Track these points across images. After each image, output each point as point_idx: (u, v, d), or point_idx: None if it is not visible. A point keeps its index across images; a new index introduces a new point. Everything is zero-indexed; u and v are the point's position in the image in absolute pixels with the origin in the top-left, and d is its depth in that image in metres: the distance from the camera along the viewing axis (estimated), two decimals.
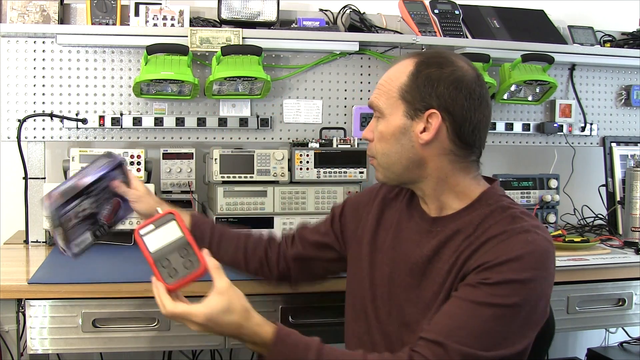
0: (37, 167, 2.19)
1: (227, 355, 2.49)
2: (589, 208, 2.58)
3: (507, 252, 1.14)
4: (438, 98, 1.21)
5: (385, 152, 1.27)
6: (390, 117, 1.26)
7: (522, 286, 1.12)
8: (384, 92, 1.29)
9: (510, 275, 1.12)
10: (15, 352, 1.70)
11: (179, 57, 2.16)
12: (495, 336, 1.12)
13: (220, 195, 2.12)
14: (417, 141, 1.23)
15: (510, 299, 1.12)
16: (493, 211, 1.24)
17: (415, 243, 1.30)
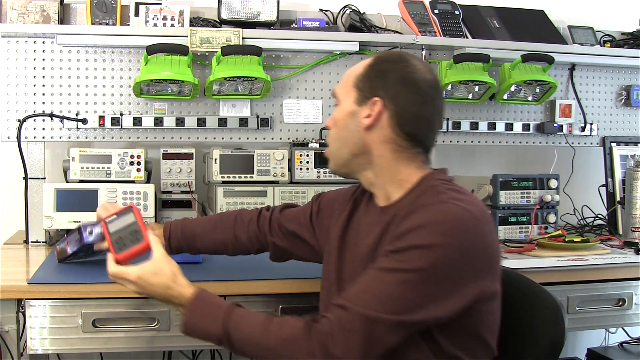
0: (37, 167, 2.19)
1: (227, 355, 2.49)
2: (589, 208, 2.58)
3: (415, 221, 1.16)
4: (384, 88, 1.29)
5: (336, 137, 1.35)
6: (344, 103, 1.34)
7: (427, 251, 1.13)
8: (343, 81, 1.37)
9: (414, 242, 1.14)
10: (15, 352, 1.70)
11: (179, 57, 2.16)
12: (401, 301, 1.12)
13: (220, 195, 2.12)
14: (361, 126, 1.30)
15: (413, 264, 1.13)
16: (424, 191, 1.26)
17: (365, 234, 1.33)
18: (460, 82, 2.37)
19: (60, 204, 2.04)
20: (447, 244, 1.13)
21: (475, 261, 1.16)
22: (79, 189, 2.07)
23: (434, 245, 1.13)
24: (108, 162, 2.13)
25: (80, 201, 2.05)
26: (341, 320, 1.13)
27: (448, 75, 2.35)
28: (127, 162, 2.14)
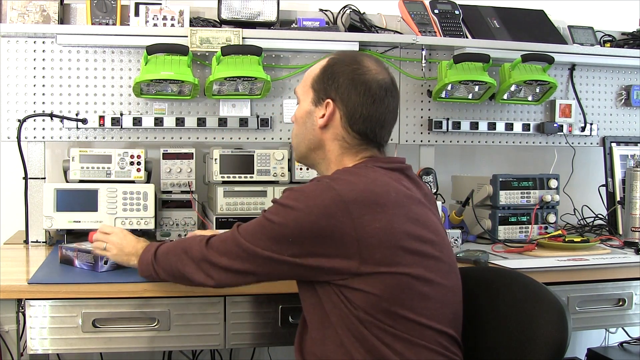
0: (37, 167, 2.19)
1: (227, 355, 2.49)
2: (589, 208, 2.58)
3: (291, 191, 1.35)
4: (336, 90, 1.40)
5: (296, 133, 1.50)
6: (302, 102, 1.47)
7: (279, 208, 1.32)
8: (303, 81, 1.49)
9: (281, 200, 1.33)
10: (15, 352, 1.70)
11: (179, 57, 2.16)
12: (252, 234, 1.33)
13: (220, 195, 2.12)
14: (316, 124, 1.43)
15: (270, 215, 1.32)
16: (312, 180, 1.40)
17: None
18: (460, 82, 2.37)
19: (60, 204, 2.04)
20: (303, 210, 1.28)
21: (319, 236, 1.27)
22: (79, 189, 2.07)
23: (292, 207, 1.29)
24: (108, 162, 2.13)
25: (80, 201, 2.05)
26: (224, 235, 1.39)
27: (448, 75, 2.35)
28: (127, 162, 2.14)
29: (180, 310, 1.66)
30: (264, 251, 1.31)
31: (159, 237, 2.19)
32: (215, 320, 1.69)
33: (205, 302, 1.68)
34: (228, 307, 1.70)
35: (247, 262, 1.33)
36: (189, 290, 1.64)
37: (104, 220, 2.05)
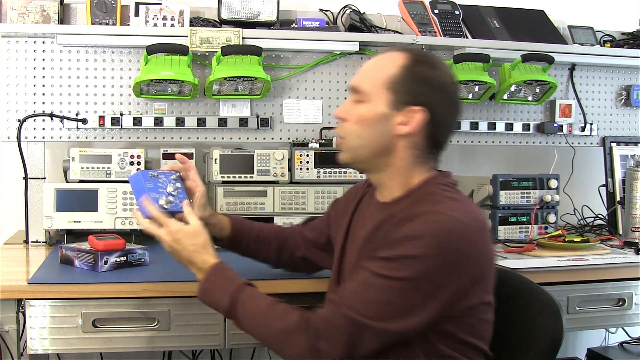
0: (37, 167, 2.19)
1: (227, 355, 2.49)
2: (589, 208, 2.58)
3: (409, 231, 1.18)
4: (425, 97, 1.27)
5: (359, 134, 1.31)
6: (373, 103, 1.29)
7: (414, 262, 1.16)
8: (370, 78, 1.31)
9: (405, 251, 1.16)
10: (15, 352, 1.70)
11: (179, 57, 2.16)
12: (386, 307, 1.17)
13: (220, 195, 2.12)
14: (392, 131, 1.28)
15: (402, 273, 1.16)
16: (423, 197, 1.28)
17: (362, 226, 1.38)
18: (460, 82, 2.37)
19: (60, 204, 2.04)
20: (436, 255, 1.16)
21: (461, 273, 1.19)
22: (79, 189, 2.07)
23: (422, 257, 1.16)
24: (108, 162, 2.13)
25: (80, 201, 2.05)
26: (331, 317, 1.19)
27: None
28: (127, 162, 2.14)
29: (180, 310, 1.66)
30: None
31: None
32: (215, 320, 1.69)
33: None
34: None
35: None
36: (188, 291, 1.64)
37: (104, 221, 2.05)
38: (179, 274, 1.72)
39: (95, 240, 1.74)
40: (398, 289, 1.16)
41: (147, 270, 1.76)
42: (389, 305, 1.16)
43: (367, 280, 1.19)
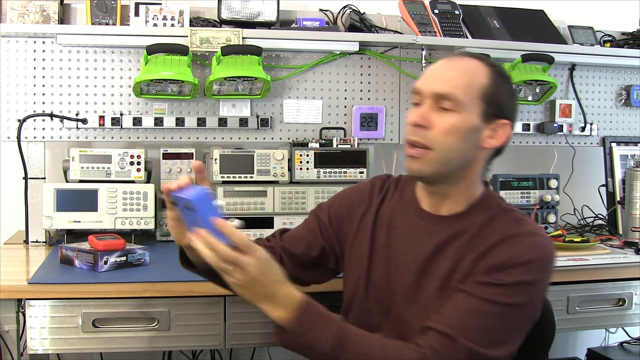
0: (37, 167, 2.19)
1: (227, 355, 2.49)
2: (589, 208, 2.58)
3: (518, 254, 1.18)
4: (510, 110, 1.28)
5: (451, 147, 1.23)
6: (466, 113, 1.23)
7: (528, 287, 1.17)
8: (463, 85, 1.24)
9: (521, 278, 1.16)
10: (15, 352, 1.70)
11: (179, 57, 2.16)
12: (499, 334, 1.16)
13: (220, 195, 2.12)
14: (480, 144, 1.26)
15: (517, 299, 1.16)
16: (496, 214, 1.28)
17: (414, 241, 1.31)
18: None
19: (60, 204, 2.04)
20: (543, 279, 1.21)
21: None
22: (79, 189, 2.07)
23: (534, 282, 1.18)
24: (108, 162, 2.13)
25: (80, 201, 2.05)
26: (450, 350, 1.14)
27: None
28: (127, 162, 2.14)
29: (180, 310, 1.66)
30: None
31: (158, 237, 2.19)
32: (215, 320, 1.69)
33: (205, 302, 1.68)
34: (228, 307, 1.70)
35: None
36: (188, 291, 1.65)
37: (104, 221, 2.05)
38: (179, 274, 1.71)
39: (95, 240, 1.74)
40: (509, 315, 1.17)
41: (147, 270, 1.76)
42: (499, 331, 1.16)
43: (480, 308, 1.16)
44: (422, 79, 1.29)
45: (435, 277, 1.26)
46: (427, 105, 1.26)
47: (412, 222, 1.33)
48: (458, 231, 1.27)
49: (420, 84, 1.28)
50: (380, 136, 2.45)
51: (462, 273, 1.23)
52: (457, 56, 1.31)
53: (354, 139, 2.29)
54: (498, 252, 1.20)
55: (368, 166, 2.24)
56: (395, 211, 1.38)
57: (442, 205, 1.31)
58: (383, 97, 2.46)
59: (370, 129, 2.43)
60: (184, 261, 1.34)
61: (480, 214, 1.28)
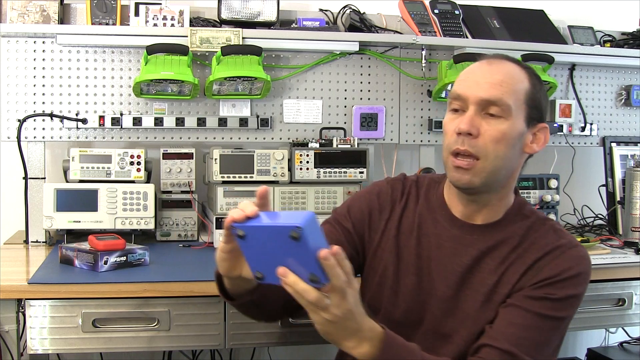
0: (37, 167, 2.19)
1: (227, 355, 2.49)
2: (589, 208, 2.58)
3: (566, 268, 1.20)
4: (546, 114, 1.27)
5: (501, 155, 1.20)
6: (515, 119, 1.20)
7: (576, 300, 1.21)
8: (512, 91, 1.20)
9: (571, 291, 1.19)
10: (15, 352, 1.70)
11: (179, 57, 2.16)
12: (550, 347, 1.20)
13: (220, 195, 2.12)
14: (523, 150, 1.24)
15: (567, 312, 1.20)
16: (533, 223, 1.28)
17: (450, 251, 1.27)
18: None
19: (60, 204, 2.04)
20: (585, 291, 1.23)
21: None
22: (79, 189, 2.07)
23: (581, 295, 1.21)
24: (108, 162, 2.13)
25: (80, 201, 2.06)
26: None
27: (448, 75, 2.34)
28: (127, 162, 2.14)
29: (180, 310, 1.66)
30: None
31: (158, 237, 2.19)
32: (215, 320, 1.69)
33: (205, 302, 1.68)
34: (228, 307, 1.69)
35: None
36: (188, 291, 1.65)
37: (104, 221, 2.05)
38: (179, 274, 1.72)
39: (95, 240, 1.74)
40: (559, 329, 1.20)
41: (147, 270, 1.76)
42: (551, 344, 1.20)
43: (536, 323, 1.17)
44: (462, 84, 1.23)
45: (478, 290, 1.24)
46: (472, 112, 1.20)
47: (445, 231, 1.29)
48: (497, 242, 1.25)
49: (463, 89, 1.22)
50: (380, 136, 2.45)
51: (507, 287, 1.22)
52: (495, 59, 1.25)
53: (354, 139, 2.29)
54: (545, 265, 1.21)
55: (368, 166, 2.24)
56: (424, 218, 1.32)
57: (479, 214, 1.28)
58: (383, 97, 2.46)
59: (370, 129, 2.43)
60: (222, 290, 1.20)
61: (517, 223, 1.27)
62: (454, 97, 1.24)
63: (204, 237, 2.18)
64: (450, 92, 1.26)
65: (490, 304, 1.22)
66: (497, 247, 1.25)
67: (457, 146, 1.21)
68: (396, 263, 1.32)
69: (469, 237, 1.27)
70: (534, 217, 1.29)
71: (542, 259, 1.21)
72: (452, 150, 1.22)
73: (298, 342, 1.75)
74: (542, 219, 1.29)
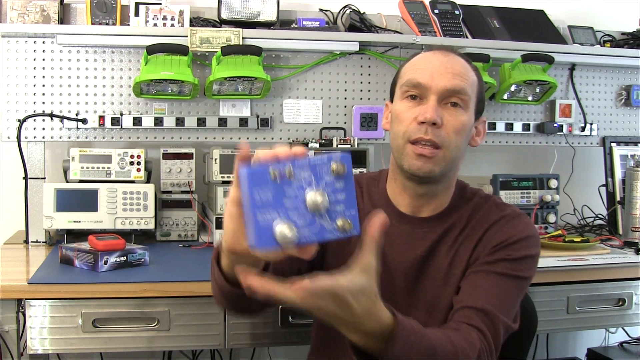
0: (37, 167, 2.19)
1: (227, 355, 2.49)
2: (589, 208, 2.58)
3: (517, 232, 1.23)
4: (484, 106, 1.29)
5: (459, 145, 1.22)
6: (469, 110, 1.23)
7: (533, 261, 1.23)
8: (469, 83, 1.21)
9: (526, 252, 1.21)
10: (15, 352, 1.70)
11: (179, 57, 2.16)
12: (514, 308, 1.20)
13: (220, 195, 2.12)
14: (469, 140, 1.27)
15: (527, 272, 1.22)
16: (477, 203, 1.30)
17: (404, 247, 1.28)
18: None
19: (60, 204, 2.04)
20: (539, 253, 1.26)
21: None
22: (79, 189, 2.07)
23: (536, 255, 1.24)
24: (108, 162, 2.13)
25: (80, 201, 2.05)
26: (496, 331, 1.15)
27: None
28: (127, 162, 2.14)
29: (180, 310, 1.66)
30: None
31: (158, 237, 2.19)
32: (215, 320, 1.69)
33: (205, 302, 1.68)
34: None
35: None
36: (188, 291, 1.65)
37: (103, 221, 2.05)
38: (179, 274, 1.72)
39: (95, 240, 1.74)
40: (521, 288, 1.21)
41: (147, 270, 1.76)
42: (515, 304, 1.20)
43: (500, 283, 1.18)
44: (421, 72, 1.21)
45: (435, 277, 1.26)
46: (434, 101, 1.19)
47: (394, 229, 1.27)
48: (446, 229, 1.27)
49: (425, 78, 1.20)
50: (380, 136, 2.45)
51: (462, 264, 1.24)
52: (446, 51, 1.26)
53: (354, 139, 2.29)
54: (494, 234, 1.23)
55: (368, 166, 2.24)
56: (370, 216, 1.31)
57: (427, 206, 1.29)
58: (383, 97, 2.46)
59: (370, 129, 2.43)
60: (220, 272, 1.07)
61: (462, 207, 1.29)
62: (412, 85, 1.21)
63: (204, 237, 2.18)
64: (407, 80, 1.23)
65: (448, 287, 1.24)
66: (447, 233, 1.27)
67: (420, 135, 1.19)
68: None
69: (418, 230, 1.29)
70: (476, 197, 1.31)
71: (490, 230, 1.25)
72: (412, 138, 1.20)
73: (298, 342, 1.75)
74: (483, 197, 1.31)
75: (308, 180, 0.80)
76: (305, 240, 0.80)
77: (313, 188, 0.80)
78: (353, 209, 0.82)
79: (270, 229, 0.79)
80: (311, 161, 0.81)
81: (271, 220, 0.80)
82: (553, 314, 1.86)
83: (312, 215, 0.81)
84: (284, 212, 0.80)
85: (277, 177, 0.80)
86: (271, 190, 0.80)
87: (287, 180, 0.80)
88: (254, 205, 0.80)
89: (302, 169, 0.80)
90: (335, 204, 0.81)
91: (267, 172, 0.80)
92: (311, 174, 0.80)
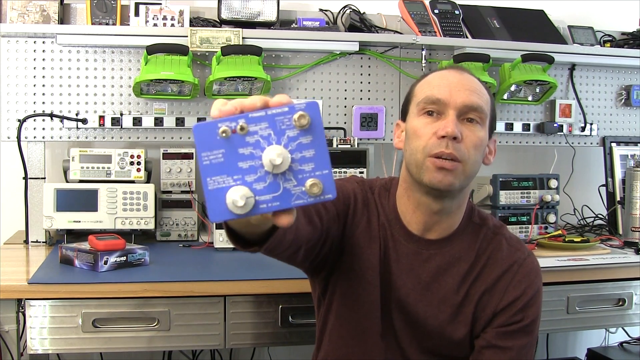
0: (37, 167, 2.19)
1: (227, 355, 2.49)
2: (589, 208, 2.58)
3: (528, 285, 1.27)
4: (495, 125, 1.31)
5: (477, 161, 1.23)
6: (485, 127, 1.25)
7: (539, 319, 1.29)
8: (484, 100, 1.24)
9: (536, 312, 1.27)
10: (15, 352, 1.70)
11: (179, 57, 2.16)
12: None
13: None
14: (483, 158, 1.27)
15: (536, 331, 1.28)
16: (485, 234, 1.31)
17: (408, 266, 1.28)
18: None
19: (60, 204, 2.04)
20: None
21: None
22: (79, 189, 2.07)
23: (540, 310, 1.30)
24: (108, 162, 2.13)
25: (80, 201, 2.06)
26: None
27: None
28: (127, 162, 2.14)
29: (180, 310, 1.66)
30: None
31: (158, 237, 2.19)
32: (215, 320, 1.69)
33: (205, 302, 1.68)
34: (228, 307, 1.70)
35: None
36: (188, 291, 1.65)
37: (103, 221, 2.05)
38: (179, 274, 1.73)
39: (95, 240, 1.74)
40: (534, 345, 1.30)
41: (147, 270, 1.76)
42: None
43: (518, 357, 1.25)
44: (439, 89, 1.22)
45: (441, 309, 1.28)
46: (452, 115, 1.20)
47: (402, 246, 1.28)
48: (454, 258, 1.28)
49: (443, 94, 1.21)
50: (380, 136, 2.45)
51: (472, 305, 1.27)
52: (460, 69, 1.28)
53: (354, 139, 2.29)
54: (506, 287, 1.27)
55: (368, 166, 2.24)
56: (384, 227, 1.30)
57: (437, 225, 1.28)
58: (383, 97, 2.46)
59: (370, 129, 2.43)
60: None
61: (469, 234, 1.31)
62: (431, 101, 1.22)
63: (204, 237, 2.18)
64: (425, 97, 1.23)
65: (459, 324, 1.27)
66: (454, 263, 1.28)
67: (441, 149, 1.18)
68: (383, 274, 1.28)
69: (425, 251, 1.28)
70: (485, 228, 1.32)
71: (502, 279, 1.27)
72: (432, 152, 1.19)
73: (298, 342, 1.75)
74: (492, 229, 1.32)
75: (266, 136, 0.69)
76: (267, 208, 0.70)
77: (273, 145, 0.69)
78: (325, 168, 0.70)
79: (223, 198, 0.69)
80: (268, 113, 0.69)
81: (225, 187, 0.69)
82: (553, 314, 1.87)
83: (274, 178, 0.70)
84: (240, 176, 0.70)
85: (228, 134, 0.69)
86: (222, 150, 0.69)
87: (240, 138, 0.69)
88: (203, 170, 0.70)
89: (258, 123, 0.69)
90: (301, 162, 0.70)
91: (216, 129, 0.69)
92: (269, 129, 0.69)
